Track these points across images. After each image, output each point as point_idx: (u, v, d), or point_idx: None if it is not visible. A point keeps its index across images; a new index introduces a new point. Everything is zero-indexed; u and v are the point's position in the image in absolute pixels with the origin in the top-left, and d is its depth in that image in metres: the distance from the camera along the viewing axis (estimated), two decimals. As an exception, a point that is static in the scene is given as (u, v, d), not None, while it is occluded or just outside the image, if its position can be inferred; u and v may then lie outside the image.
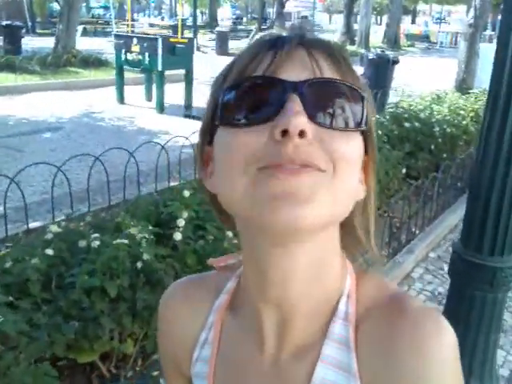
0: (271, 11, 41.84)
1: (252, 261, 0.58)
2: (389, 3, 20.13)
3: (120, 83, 9.43)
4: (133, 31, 11.40)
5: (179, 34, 9.14)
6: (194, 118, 6.83)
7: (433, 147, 5.26)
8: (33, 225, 3.77)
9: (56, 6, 21.98)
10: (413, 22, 50.62)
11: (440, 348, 0.52)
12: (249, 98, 0.52)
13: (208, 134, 0.58)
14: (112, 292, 2.35)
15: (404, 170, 4.79)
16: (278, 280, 0.56)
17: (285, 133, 0.48)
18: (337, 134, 0.51)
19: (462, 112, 6.29)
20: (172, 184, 4.22)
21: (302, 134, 0.48)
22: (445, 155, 5.34)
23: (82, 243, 2.61)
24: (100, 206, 4.27)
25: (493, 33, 25.03)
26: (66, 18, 13.32)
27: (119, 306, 2.39)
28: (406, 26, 39.14)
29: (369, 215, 0.61)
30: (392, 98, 8.73)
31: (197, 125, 0.71)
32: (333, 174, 0.51)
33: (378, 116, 5.88)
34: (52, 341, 2.17)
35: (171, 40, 8.54)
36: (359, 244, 0.62)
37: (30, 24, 24.10)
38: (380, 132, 4.91)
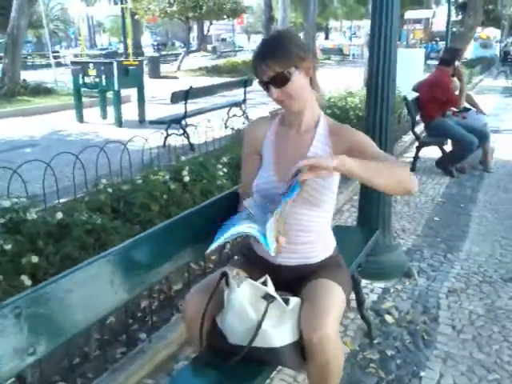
0: (193, 36, 43.54)
1: (287, 113, 1.95)
2: (303, 22, 22.32)
3: (79, 104, 10.60)
4: (59, 62, 12.78)
5: (130, 57, 10.47)
6: (154, 123, 8.14)
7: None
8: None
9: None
10: (326, 37, 53.94)
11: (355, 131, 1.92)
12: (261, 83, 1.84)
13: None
14: (155, 207, 3.72)
15: (329, 142, 6.34)
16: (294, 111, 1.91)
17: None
18: (285, 86, 1.78)
19: (369, 100, 8.01)
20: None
21: (277, 96, 1.81)
22: (359, 131, 7.01)
23: (125, 186, 3.95)
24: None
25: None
26: (10, 51, 14.28)
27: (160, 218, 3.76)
28: (320, 41, 42.06)
29: (317, 81, 1.94)
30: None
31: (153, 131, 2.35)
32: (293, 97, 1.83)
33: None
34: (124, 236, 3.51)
35: (124, 63, 9.87)
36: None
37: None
38: (309, 116, 6.51)
